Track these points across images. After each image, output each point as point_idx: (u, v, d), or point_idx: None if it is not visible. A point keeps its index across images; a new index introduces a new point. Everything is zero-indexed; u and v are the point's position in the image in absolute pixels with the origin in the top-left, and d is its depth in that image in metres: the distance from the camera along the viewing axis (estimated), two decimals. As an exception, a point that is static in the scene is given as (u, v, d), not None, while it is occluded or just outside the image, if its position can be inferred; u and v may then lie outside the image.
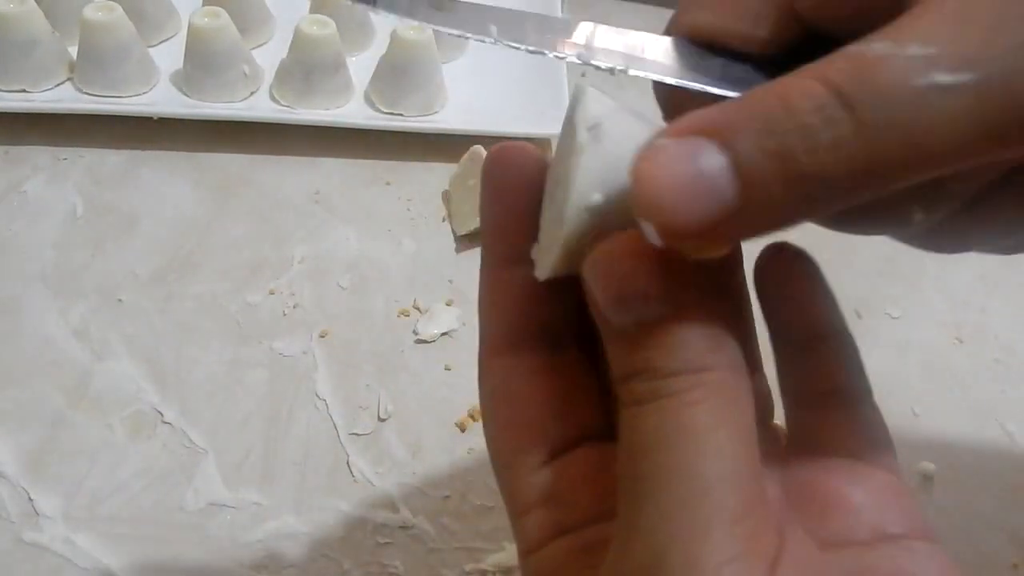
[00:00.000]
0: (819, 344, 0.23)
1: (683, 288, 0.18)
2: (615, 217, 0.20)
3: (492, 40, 0.21)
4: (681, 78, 0.21)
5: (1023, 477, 0.44)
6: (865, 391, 0.23)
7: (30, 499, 0.39)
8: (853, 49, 0.16)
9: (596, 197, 0.19)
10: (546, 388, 0.22)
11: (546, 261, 0.21)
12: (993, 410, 0.47)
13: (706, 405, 0.18)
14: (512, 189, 0.23)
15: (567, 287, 0.22)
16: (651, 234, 0.17)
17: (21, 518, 0.39)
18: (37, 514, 0.39)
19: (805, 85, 0.16)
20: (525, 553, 0.22)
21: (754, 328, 0.24)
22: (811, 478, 0.21)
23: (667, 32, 0.23)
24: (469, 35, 0.21)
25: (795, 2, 0.21)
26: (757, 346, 0.24)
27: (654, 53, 0.22)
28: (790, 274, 0.23)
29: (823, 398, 0.23)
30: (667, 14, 0.23)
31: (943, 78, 0.15)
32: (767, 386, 0.24)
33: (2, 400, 0.43)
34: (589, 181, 0.19)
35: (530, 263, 0.23)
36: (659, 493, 0.17)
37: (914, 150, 0.16)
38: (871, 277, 0.53)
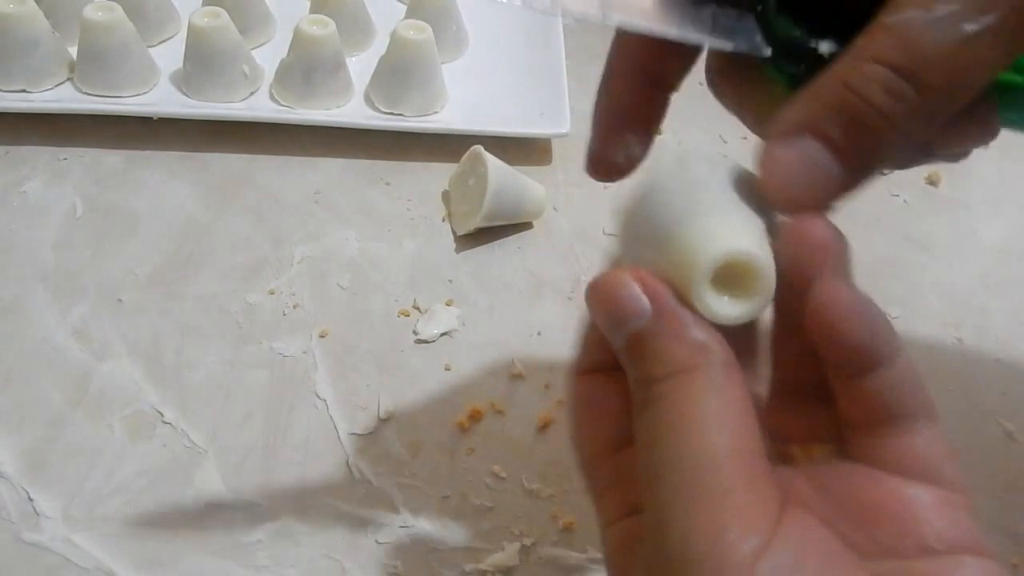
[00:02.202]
0: (879, 368, 0.23)
1: (662, 305, 0.22)
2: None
3: None
4: (677, 30, 0.24)
5: (1023, 477, 0.44)
6: (927, 406, 0.23)
7: (30, 499, 0.39)
8: (889, 21, 0.20)
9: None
10: (615, 397, 0.26)
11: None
12: (993, 410, 0.47)
13: (699, 398, 0.21)
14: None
15: None
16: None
17: (21, 518, 0.39)
18: (37, 514, 0.39)
19: (867, 70, 0.21)
20: (604, 527, 0.25)
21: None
22: (862, 488, 0.23)
23: None
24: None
25: None
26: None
27: (648, 6, 0.24)
28: (846, 311, 0.23)
29: (884, 420, 0.23)
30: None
31: (970, 27, 0.20)
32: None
33: (2, 400, 0.43)
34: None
35: None
36: (676, 471, 0.20)
37: (961, 87, 0.21)
38: (871, 277, 0.53)
